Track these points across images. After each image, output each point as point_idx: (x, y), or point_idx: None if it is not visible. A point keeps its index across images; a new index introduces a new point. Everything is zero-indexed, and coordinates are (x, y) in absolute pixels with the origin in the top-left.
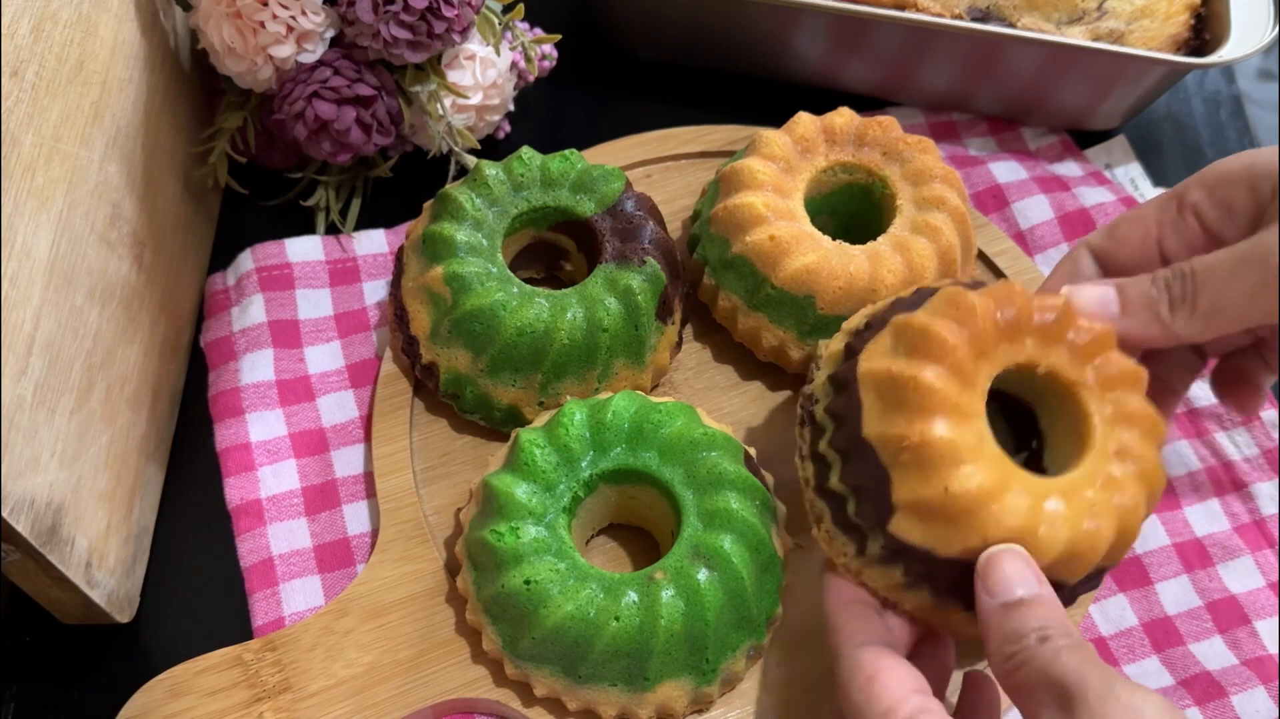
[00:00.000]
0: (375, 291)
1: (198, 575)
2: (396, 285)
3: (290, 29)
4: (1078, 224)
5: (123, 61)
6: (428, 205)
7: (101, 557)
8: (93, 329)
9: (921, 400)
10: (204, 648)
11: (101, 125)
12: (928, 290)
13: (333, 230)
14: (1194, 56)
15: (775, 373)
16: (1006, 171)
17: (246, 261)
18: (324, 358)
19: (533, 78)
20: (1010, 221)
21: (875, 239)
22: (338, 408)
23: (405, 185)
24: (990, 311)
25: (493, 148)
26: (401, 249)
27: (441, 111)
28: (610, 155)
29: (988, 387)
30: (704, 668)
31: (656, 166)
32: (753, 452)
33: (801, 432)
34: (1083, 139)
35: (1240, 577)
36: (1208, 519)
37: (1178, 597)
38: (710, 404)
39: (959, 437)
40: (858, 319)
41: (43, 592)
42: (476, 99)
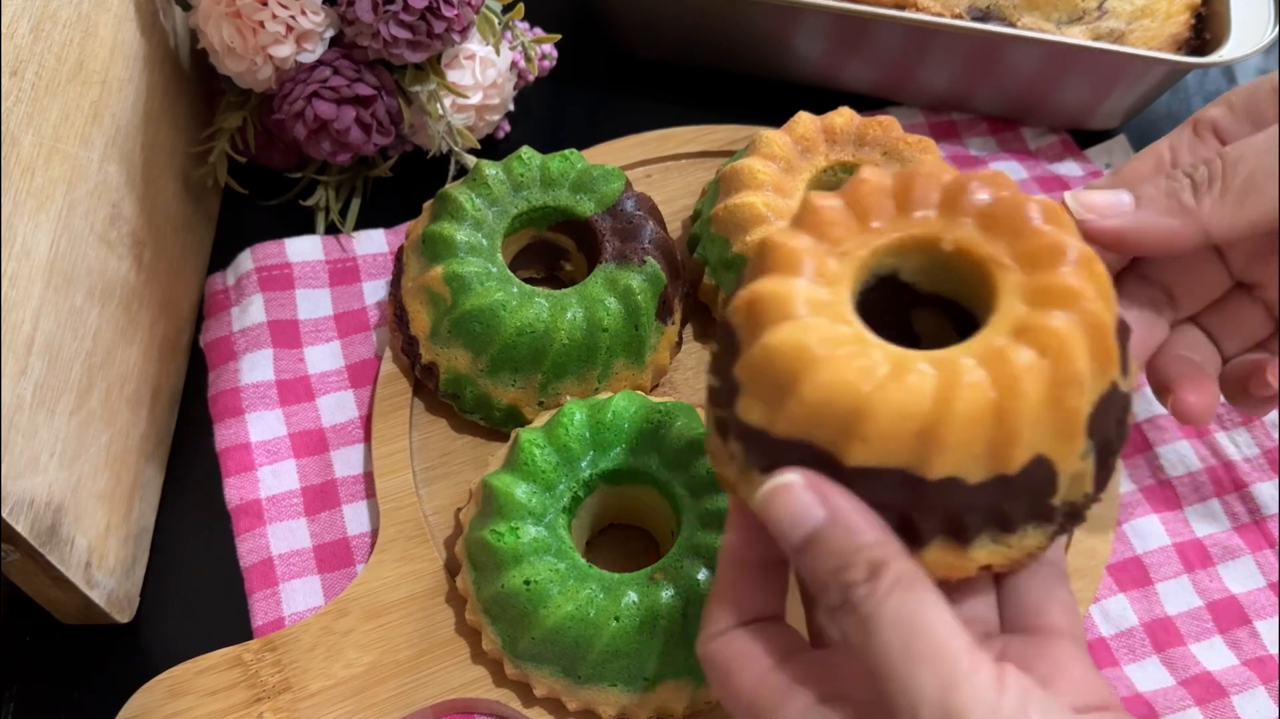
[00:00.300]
0: (375, 291)
1: (197, 575)
2: (396, 285)
3: (290, 29)
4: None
5: (122, 61)
6: (427, 205)
7: (101, 557)
8: (92, 329)
9: (767, 259)
10: (204, 648)
11: (101, 125)
12: None
13: (332, 230)
14: (1194, 56)
15: None
16: (1007, 171)
17: (246, 261)
18: (324, 358)
19: (532, 77)
20: None
21: None
22: (337, 408)
23: (405, 185)
24: (883, 183)
25: (492, 147)
26: (401, 249)
27: (441, 111)
28: (610, 155)
29: (871, 261)
30: None
31: (656, 166)
32: None
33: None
34: (1083, 139)
35: (1241, 577)
36: (1208, 519)
37: (1178, 597)
38: None
39: (792, 291)
40: None
41: (42, 592)
42: (476, 99)
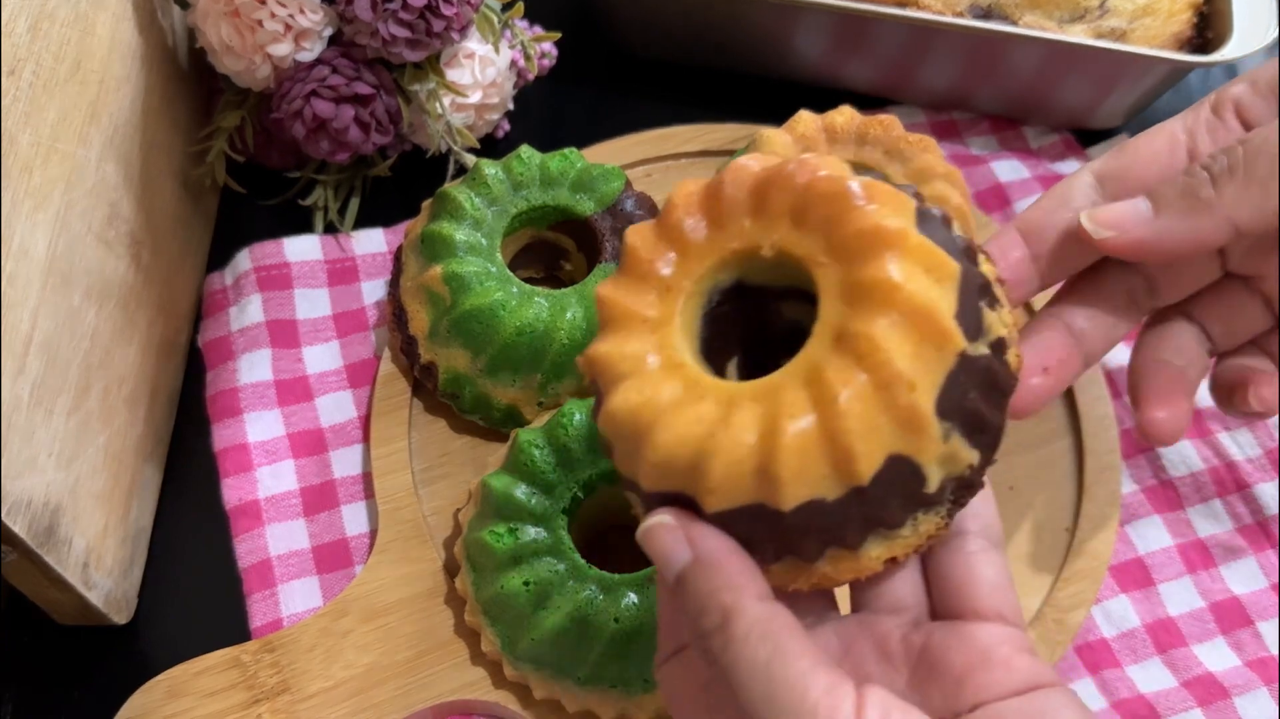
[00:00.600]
0: (374, 291)
1: (196, 576)
2: (395, 285)
3: (288, 27)
4: None
5: (120, 60)
6: (426, 204)
7: (99, 557)
8: (90, 329)
9: (599, 316)
10: (202, 649)
11: (99, 124)
12: None
13: (331, 229)
14: (1197, 55)
15: None
16: (1008, 170)
17: (244, 261)
18: (322, 358)
19: (532, 76)
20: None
21: None
22: (336, 408)
23: (404, 184)
24: (690, 201)
25: (492, 147)
26: (400, 248)
27: (440, 110)
28: (610, 154)
29: (699, 287)
30: None
31: (657, 165)
32: None
33: None
34: (1085, 138)
35: (1243, 578)
36: (1210, 520)
37: (1180, 598)
38: None
39: (620, 351)
40: None
41: (40, 592)
42: (476, 98)
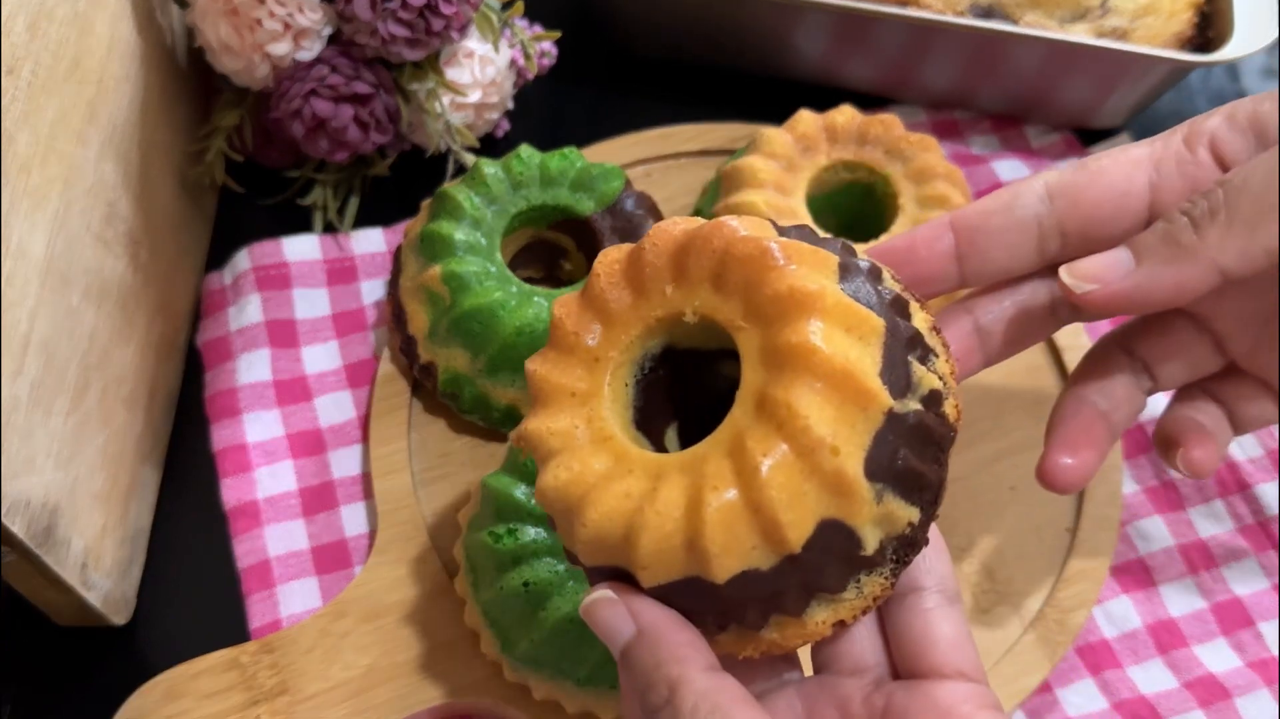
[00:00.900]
0: (373, 291)
1: (194, 577)
2: (394, 284)
3: (287, 26)
4: None
5: (119, 59)
6: (426, 204)
7: (97, 558)
8: (89, 329)
9: (530, 392)
10: (201, 650)
11: (97, 123)
12: None
13: (330, 229)
14: (1198, 54)
15: None
16: (1010, 170)
17: (243, 261)
18: (321, 358)
19: (532, 75)
20: None
21: (877, 239)
22: (335, 408)
23: (403, 184)
24: (613, 270)
25: (492, 146)
26: (399, 248)
27: (440, 109)
28: (610, 153)
29: (627, 357)
30: None
31: (656, 165)
32: None
33: None
34: (1086, 137)
35: (1244, 579)
36: (1212, 521)
37: (1182, 598)
38: None
39: (549, 429)
40: None
41: (38, 593)
42: (475, 97)
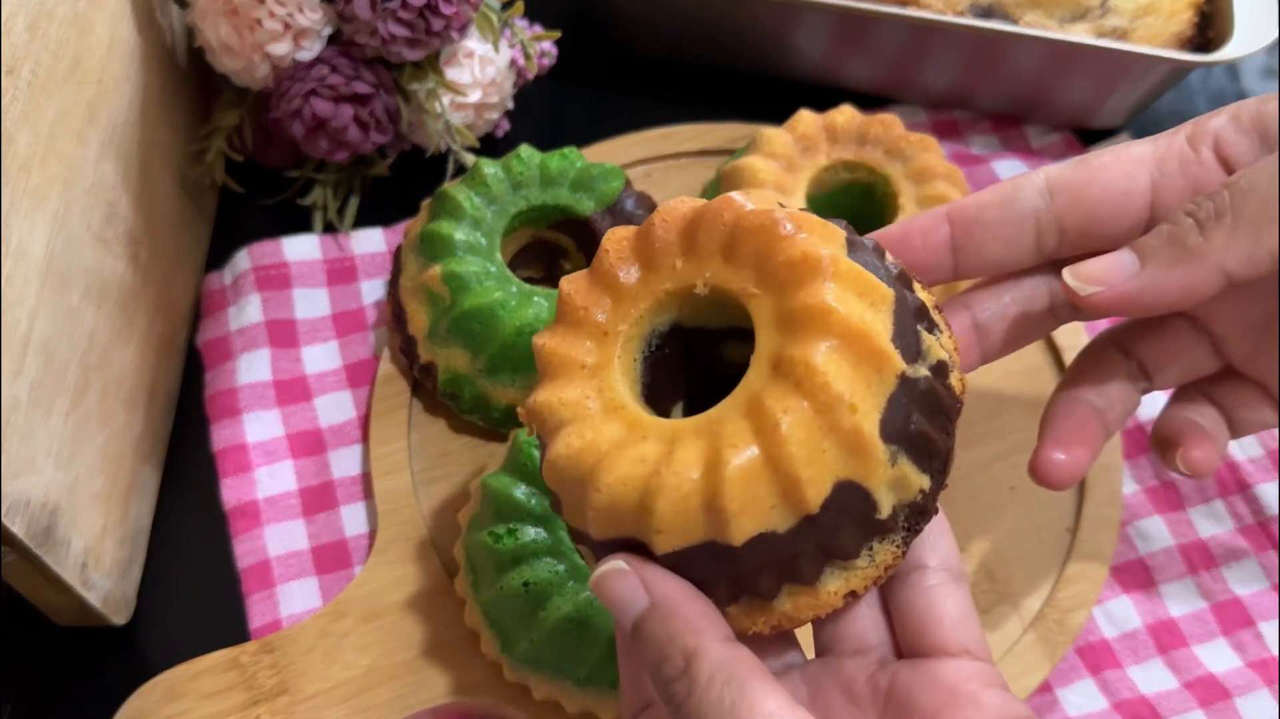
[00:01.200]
0: (373, 291)
1: (194, 577)
2: (394, 284)
3: (287, 26)
4: None
5: (119, 59)
6: (426, 204)
7: (97, 558)
8: (89, 329)
9: (538, 365)
10: (200, 650)
11: (97, 123)
12: None
13: (330, 229)
14: (1198, 54)
15: None
16: (1010, 170)
17: (243, 261)
18: (321, 358)
19: (532, 75)
20: None
21: None
22: (335, 408)
23: (403, 184)
24: (622, 246)
25: (491, 146)
26: (399, 248)
27: (440, 109)
28: (610, 153)
29: (637, 330)
30: None
31: (656, 165)
32: None
33: None
34: (1086, 137)
35: (1245, 579)
36: (1212, 521)
37: (1182, 598)
38: None
39: (559, 398)
40: None
41: (38, 593)
42: (475, 97)
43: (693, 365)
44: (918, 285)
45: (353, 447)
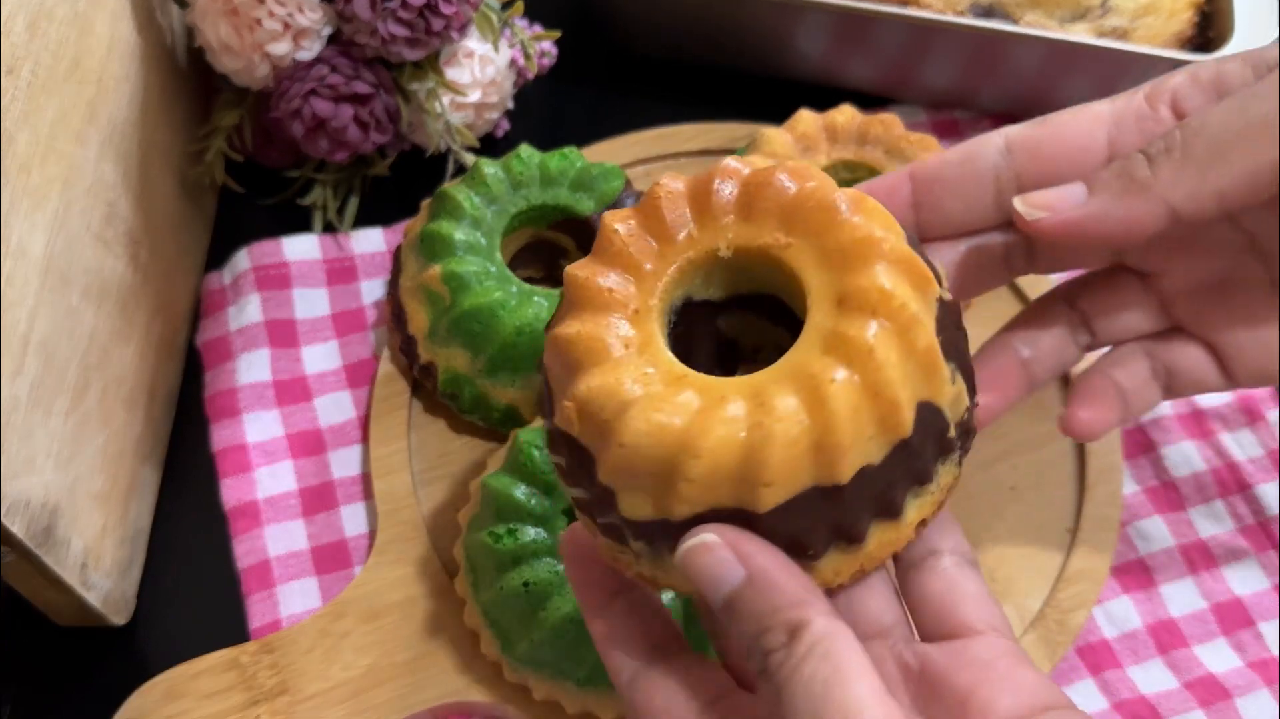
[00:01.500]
0: (373, 291)
1: (194, 577)
2: (394, 284)
3: (287, 26)
4: None
5: (119, 59)
6: (426, 204)
7: (97, 558)
8: (88, 329)
9: (566, 302)
10: (200, 650)
11: (97, 123)
12: None
13: (330, 229)
14: (1198, 54)
15: None
16: None
17: (243, 261)
18: (321, 358)
19: (532, 75)
20: None
21: None
22: (335, 408)
23: (403, 184)
24: (675, 190)
25: (491, 146)
26: (399, 248)
27: (440, 109)
28: (610, 153)
29: (671, 288)
30: None
31: (656, 165)
32: None
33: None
34: None
35: (1245, 579)
36: (1212, 521)
37: (1182, 599)
38: None
39: (592, 331)
40: None
41: (38, 593)
42: (475, 97)
43: (691, 341)
44: None
45: (353, 447)
